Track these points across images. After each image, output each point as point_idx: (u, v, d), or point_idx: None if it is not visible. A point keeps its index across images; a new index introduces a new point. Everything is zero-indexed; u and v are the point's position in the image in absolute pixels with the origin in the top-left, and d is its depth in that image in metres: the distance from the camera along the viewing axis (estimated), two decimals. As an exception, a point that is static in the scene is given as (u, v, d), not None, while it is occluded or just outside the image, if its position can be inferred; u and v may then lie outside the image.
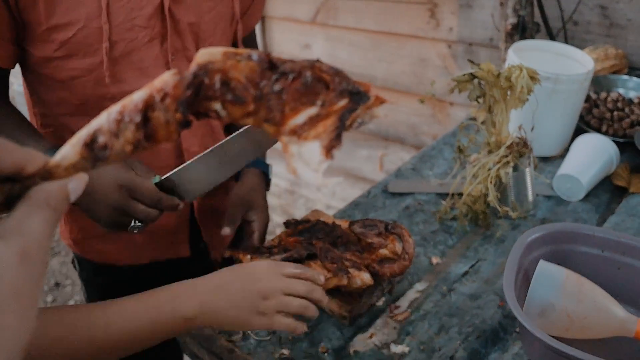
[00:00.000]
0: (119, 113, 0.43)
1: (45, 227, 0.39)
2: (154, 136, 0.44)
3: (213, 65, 0.44)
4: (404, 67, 2.20)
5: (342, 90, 0.48)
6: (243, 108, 0.46)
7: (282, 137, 0.48)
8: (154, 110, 0.43)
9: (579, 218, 1.18)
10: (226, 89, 0.45)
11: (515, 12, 1.71)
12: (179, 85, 0.43)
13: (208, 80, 0.44)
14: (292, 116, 0.47)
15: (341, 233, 1.01)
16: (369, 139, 2.48)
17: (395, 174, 1.35)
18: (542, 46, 1.44)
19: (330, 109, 0.47)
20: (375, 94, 0.49)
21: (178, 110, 0.43)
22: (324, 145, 0.46)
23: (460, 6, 1.96)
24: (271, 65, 0.46)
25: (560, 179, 1.24)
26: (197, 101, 0.44)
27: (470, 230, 1.16)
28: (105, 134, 0.42)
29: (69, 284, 2.89)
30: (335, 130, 0.46)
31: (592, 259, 0.91)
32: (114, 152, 0.43)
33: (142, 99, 0.43)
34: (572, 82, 1.29)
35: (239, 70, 0.45)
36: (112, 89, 0.99)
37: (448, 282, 1.04)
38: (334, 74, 0.48)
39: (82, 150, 0.42)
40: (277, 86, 0.46)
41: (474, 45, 1.99)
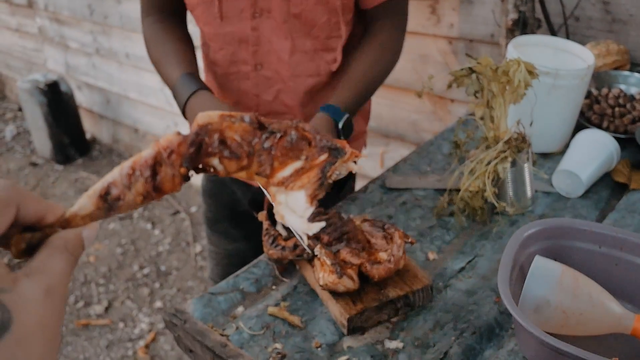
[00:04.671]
0: (130, 168, 0.48)
1: (65, 267, 0.43)
2: (161, 188, 0.49)
3: (212, 126, 0.51)
4: (405, 63, 2.18)
5: (322, 147, 0.54)
6: (238, 163, 0.52)
7: (271, 188, 0.54)
8: (161, 166, 0.49)
9: (578, 214, 1.17)
10: (223, 147, 0.51)
11: (516, 7, 1.70)
12: (183, 143, 0.49)
13: (208, 139, 0.50)
14: (280, 169, 0.53)
15: (350, 229, 1.01)
16: (370, 135, 2.47)
17: (393, 169, 1.34)
18: (543, 41, 1.43)
19: (313, 163, 0.53)
20: (350, 150, 0.55)
21: (182, 165, 0.49)
22: (308, 194, 0.52)
23: (461, 2, 1.94)
24: (260, 126, 0.53)
25: (559, 175, 1.23)
26: (198, 157, 0.50)
27: (468, 226, 1.15)
28: (118, 187, 0.48)
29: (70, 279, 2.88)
30: (318, 181, 0.52)
31: (589, 254, 0.90)
32: (126, 202, 0.48)
33: (151, 156, 0.49)
34: (572, 77, 1.27)
35: (233, 130, 0.51)
36: (222, 27, 1.22)
37: (444, 278, 1.03)
38: (315, 132, 0.55)
39: (97, 201, 0.47)
40: (267, 143, 0.52)
41: (475, 41, 1.98)
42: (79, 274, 2.91)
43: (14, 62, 4.54)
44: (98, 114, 4.02)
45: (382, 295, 0.94)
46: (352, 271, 0.93)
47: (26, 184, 3.76)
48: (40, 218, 0.45)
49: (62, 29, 3.77)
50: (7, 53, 4.56)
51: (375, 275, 0.93)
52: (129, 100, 3.62)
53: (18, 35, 4.27)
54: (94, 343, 2.52)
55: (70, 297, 2.77)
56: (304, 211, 0.52)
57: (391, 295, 0.94)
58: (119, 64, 3.50)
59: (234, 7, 1.18)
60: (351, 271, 0.93)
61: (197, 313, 1.00)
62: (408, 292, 0.94)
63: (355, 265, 0.94)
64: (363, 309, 0.92)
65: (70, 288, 2.83)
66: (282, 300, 1.01)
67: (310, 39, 1.23)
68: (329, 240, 0.98)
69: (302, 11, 1.17)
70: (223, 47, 1.27)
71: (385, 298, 0.94)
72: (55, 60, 4.04)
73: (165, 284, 2.83)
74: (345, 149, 0.55)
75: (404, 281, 0.96)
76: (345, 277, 0.91)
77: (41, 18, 3.89)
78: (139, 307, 2.69)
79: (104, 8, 3.31)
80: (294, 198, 0.53)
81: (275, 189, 0.54)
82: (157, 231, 3.22)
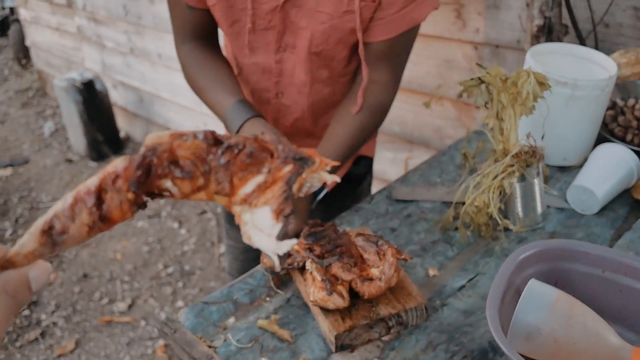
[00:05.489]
0: (73, 198, 0.45)
1: (1, 314, 0.40)
2: (108, 217, 0.46)
3: (161, 146, 0.47)
4: (430, 68, 2.14)
5: (286, 157, 0.50)
6: (192, 183, 0.48)
7: (235, 207, 0.50)
8: (106, 192, 0.46)
9: (591, 233, 1.11)
10: (174, 167, 0.47)
11: (541, 13, 1.64)
12: (129, 167, 0.46)
13: (157, 160, 0.47)
14: (241, 186, 0.49)
15: (344, 243, 0.98)
16: (394, 141, 2.43)
17: (402, 179, 1.30)
18: (563, 49, 1.37)
19: (276, 175, 0.49)
20: (320, 159, 0.51)
21: (130, 190, 0.46)
22: (273, 210, 0.48)
23: (487, 7, 1.89)
24: (216, 141, 0.49)
25: (574, 191, 1.18)
26: (148, 181, 0.47)
27: (473, 242, 1.11)
28: (61, 220, 0.45)
29: (96, 276, 2.93)
30: (283, 194, 0.48)
31: (592, 279, 0.85)
32: (71, 235, 0.45)
33: (94, 184, 0.46)
34: (591, 87, 1.21)
35: (185, 149, 0.48)
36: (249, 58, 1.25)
37: (442, 296, 0.99)
38: (276, 142, 0.51)
39: (40, 237, 0.44)
40: (223, 159, 0.49)
41: (501, 47, 1.92)
42: (105, 271, 2.96)
43: (55, 60, 4.65)
44: (132, 113, 4.08)
45: (373, 313, 0.91)
46: (342, 288, 0.90)
47: (61, 179, 3.84)
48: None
49: (99, 29, 3.83)
50: (48, 51, 4.68)
51: (366, 293, 0.90)
52: (161, 100, 3.66)
53: (58, 34, 4.37)
54: (115, 340, 2.55)
55: (95, 294, 2.81)
56: (271, 229, 0.47)
57: (382, 314, 0.91)
58: (151, 63, 3.54)
59: (260, 41, 1.20)
60: (341, 288, 0.90)
61: (188, 322, 0.99)
62: (400, 311, 0.91)
63: (346, 281, 0.91)
64: (352, 327, 0.89)
65: (96, 284, 2.88)
66: (273, 313, 0.99)
67: (329, 69, 1.25)
68: (321, 252, 0.96)
69: (323, 50, 1.19)
70: (247, 75, 1.30)
71: (376, 316, 0.91)
72: (92, 59, 4.12)
73: (188, 284, 2.84)
74: (314, 158, 0.51)
75: (397, 299, 0.93)
76: (335, 295, 0.89)
77: (80, 17, 3.97)
78: (161, 306, 2.71)
79: (138, 8, 3.35)
80: (259, 215, 0.48)
81: (239, 207, 0.49)
82: (184, 230, 3.24)
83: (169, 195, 0.49)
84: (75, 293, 2.84)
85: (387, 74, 1.22)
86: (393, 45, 1.18)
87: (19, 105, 5.00)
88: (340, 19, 1.13)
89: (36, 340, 2.56)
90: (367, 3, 1.11)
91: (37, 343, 2.55)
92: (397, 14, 1.13)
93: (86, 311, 2.72)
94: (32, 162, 4.09)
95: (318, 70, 1.24)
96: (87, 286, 2.88)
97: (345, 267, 0.92)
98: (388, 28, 1.15)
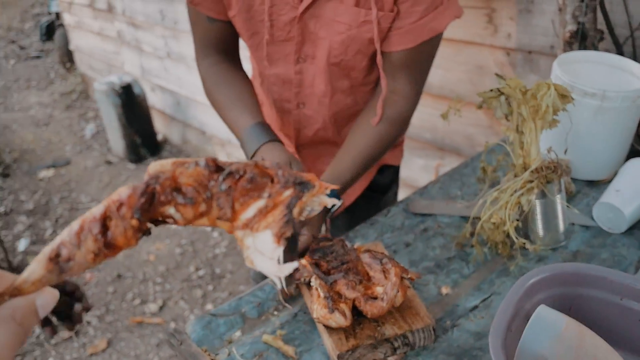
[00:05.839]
0: (79, 226, 0.46)
1: (9, 339, 0.40)
2: (113, 244, 0.46)
3: (163, 174, 0.49)
4: (461, 74, 2.09)
5: (286, 182, 0.51)
6: (195, 209, 0.49)
7: (237, 232, 0.50)
8: (111, 220, 0.46)
9: (617, 253, 1.06)
10: (177, 193, 0.49)
11: (574, 18, 1.57)
12: (133, 194, 0.47)
13: (160, 187, 0.48)
14: (242, 211, 0.50)
15: (351, 259, 0.96)
16: (425, 147, 2.38)
17: (421, 191, 1.27)
18: (595, 57, 1.31)
19: (277, 200, 0.50)
20: (319, 183, 0.52)
21: (134, 217, 0.47)
22: (274, 233, 0.49)
23: (520, 11, 1.83)
24: (218, 168, 0.51)
25: (600, 208, 1.12)
26: (152, 208, 0.48)
27: (491, 260, 1.07)
28: (67, 247, 0.45)
29: (130, 276, 2.97)
30: (283, 218, 0.49)
31: (609, 306, 0.80)
32: (77, 262, 0.45)
33: (99, 211, 0.46)
34: (622, 99, 1.16)
35: (187, 176, 0.49)
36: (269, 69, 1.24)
37: (454, 316, 0.96)
38: (276, 167, 0.52)
39: (47, 265, 0.45)
40: (225, 185, 0.50)
41: (534, 53, 1.86)
42: (138, 272, 3.00)
43: (96, 64, 4.76)
44: (169, 116, 4.13)
45: (378, 333, 0.89)
46: (345, 306, 0.88)
47: (100, 181, 3.92)
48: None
49: (137, 33, 3.90)
50: (90, 55, 4.79)
51: (368, 312, 0.87)
52: (197, 103, 3.70)
53: (100, 39, 4.47)
54: (145, 341, 2.58)
55: (128, 294, 2.86)
56: (273, 252, 0.49)
57: (388, 334, 0.88)
58: (187, 67, 3.58)
59: (280, 52, 1.19)
60: (344, 306, 0.88)
61: (195, 334, 0.98)
62: (407, 331, 0.88)
63: (350, 299, 0.89)
64: (356, 346, 0.87)
65: (130, 285, 2.92)
66: (280, 328, 0.97)
67: (349, 79, 1.23)
68: (327, 268, 0.94)
69: (342, 60, 1.17)
70: (269, 86, 1.29)
71: (381, 336, 0.88)
72: (131, 63, 4.20)
73: (218, 287, 2.86)
74: (313, 182, 0.52)
75: (404, 319, 0.90)
76: (337, 313, 0.86)
77: (119, 22, 4.05)
78: (191, 309, 2.73)
79: (174, 13, 3.39)
80: (261, 239, 0.49)
81: (241, 232, 0.50)
82: (216, 234, 3.26)
83: (173, 221, 0.50)
84: (110, 293, 2.89)
85: (407, 84, 1.18)
86: (413, 54, 1.15)
87: (63, 108, 5.14)
88: (358, 29, 1.11)
89: (70, 338, 2.61)
90: (385, 13, 1.08)
91: (71, 341, 2.60)
92: (416, 23, 1.10)
93: (119, 311, 2.76)
94: (73, 164, 4.19)
95: (338, 81, 1.22)
96: (120, 286, 2.92)
97: (350, 284, 0.89)
98: (407, 38, 1.12)
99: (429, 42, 1.14)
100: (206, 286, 2.87)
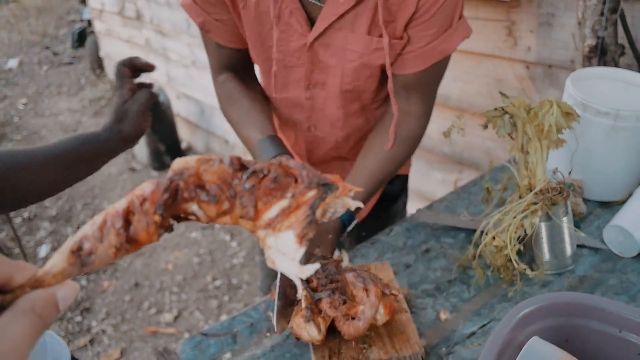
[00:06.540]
0: (102, 220, 0.46)
1: (28, 333, 0.40)
2: (135, 239, 0.46)
3: (188, 170, 0.48)
4: (480, 87, 2.04)
5: (310, 182, 0.50)
6: (218, 207, 0.48)
7: (259, 231, 0.50)
8: (134, 215, 0.46)
9: (625, 280, 1.01)
10: (200, 190, 0.48)
11: (594, 32, 1.52)
12: (156, 190, 0.47)
13: (183, 184, 0.47)
14: (265, 210, 0.49)
15: (341, 279, 0.93)
16: (444, 161, 2.34)
17: (426, 209, 1.23)
18: (611, 74, 1.26)
19: (300, 200, 0.50)
20: (343, 184, 0.51)
21: (156, 213, 0.46)
22: (297, 234, 0.48)
23: (540, 24, 1.78)
24: (242, 167, 0.50)
25: (611, 231, 1.07)
26: (175, 204, 0.47)
27: (493, 284, 1.03)
28: (90, 240, 0.45)
29: (147, 285, 2.99)
30: (306, 219, 0.48)
31: (607, 339, 0.76)
32: (99, 256, 0.45)
33: (122, 206, 0.46)
34: (636, 118, 1.11)
35: (211, 173, 0.48)
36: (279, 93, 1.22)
37: (449, 343, 0.92)
38: (301, 168, 0.51)
39: (69, 257, 0.45)
40: (248, 184, 0.49)
41: (554, 67, 1.80)
42: (156, 281, 3.01)
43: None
44: (194, 124, 4.16)
45: (362, 356, 0.86)
46: (322, 321, 0.85)
47: (123, 188, 3.96)
48: (8, 279, 0.42)
49: (164, 41, 3.94)
50: (118, 62, 4.86)
51: (345, 332, 0.84)
52: (220, 112, 3.71)
53: (128, 46, 4.53)
54: (159, 350, 2.58)
55: (145, 303, 2.87)
56: (295, 252, 0.48)
57: (372, 357, 0.85)
58: (211, 76, 3.60)
59: (289, 77, 1.18)
60: (321, 320, 0.85)
61: (185, 355, 0.97)
62: (393, 357, 0.85)
63: (329, 317, 0.86)
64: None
65: (146, 294, 2.93)
66: (270, 351, 0.95)
67: (360, 101, 1.22)
68: (317, 285, 0.91)
69: (354, 87, 1.17)
70: (280, 108, 1.29)
71: (365, 359, 0.85)
72: (158, 71, 4.24)
73: (234, 298, 2.85)
74: (337, 184, 0.51)
75: (392, 344, 0.87)
76: (312, 324, 0.84)
77: (147, 30, 4.10)
78: (206, 319, 2.72)
79: (199, 23, 3.41)
80: (283, 240, 0.48)
81: (264, 232, 0.50)
82: (235, 243, 3.26)
83: (195, 218, 0.49)
84: (126, 302, 2.90)
85: (418, 104, 1.17)
86: (424, 76, 1.13)
87: (92, 114, 5.22)
88: (370, 57, 1.10)
89: (85, 346, 2.63)
90: (396, 40, 1.06)
91: (86, 350, 2.61)
92: (427, 47, 1.08)
93: (134, 320, 2.77)
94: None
95: (350, 105, 1.21)
96: (137, 295, 2.94)
97: (334, 303, 0.87)
98: (419, 61, 1.10)
99: (440, 62, 1.12)
100: (222, 297, 2.87)
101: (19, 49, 7.66)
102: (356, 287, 0.89)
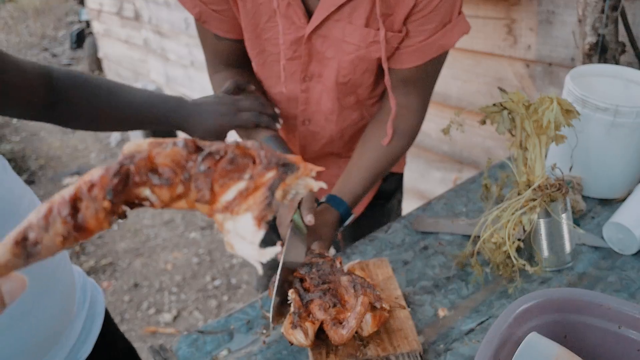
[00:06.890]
0: (47, 209, 0.44)
1: None
2: (84, 226, 0.44)
3: (139, 154, 0.46)
4: (479, 86, 2.04)
5: (269, 163, 0.48)
6: (171, 190, 0.47)
7: (217, 215, 0.48)
8: (82, 201, 0.44)
9: (625, 276, 1.00)
10: (152, 174, 0.46)
11: (594, 30, 1.51)
12: (105, 175, 0.45)
13: (134, 168, 0.46)
14: (222, 193, 0.47)
15: (334, 280, 0.92)
16: (444, 160, 2.33)
17: (424, 207, 1.23)
18: (611, 71, 1.25)
19: (258, 182, 0.48)
20: (304, 165, 0.49)
21: (106, 199, 0.44)
22: (255, 216, 0.46)
23: (540, 22, 1.77)
24: (197, 149, 0.48)
25: (610, 228, 1.07)
26: (126, 189, 0.46)
27: (492, 280, 1.02)
28: (35, 230, 0.43)
29: (146, 285, 2.98)
30: (265, 200, 0.47)
31: (606, 335, 0.75)
32: (45, 245, 0.43)
33: (69, 193, 0.44)
34: (636, 114, 1.10)
35: (164, 156, 0.47)
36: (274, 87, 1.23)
37: (447, 340, 0.91)
38: (258, 148, 0.49)
39: (13, 248, 0.43)
40: (204, 166, 0.47)
41: (554, 65, 1.80)
42: (155, 281, 3.00)
43: (124, 71, 4.82)
44: (193, 124, 4.15)
45: (360, 353, 0.85)
46: (310, 325, 0.84)
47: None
48: None
49: (163, 41, 3.93)
50: (118, 63, 4.85)
51: (332, 338, 0.83)
52: (219, 112, 3.71)
53: (127, 47, 4.52)
54: (158, 350, 2.57)
55: (144, 303, 2.86)
56: (253, 236, 0.45)
57: (370, 354, 0.84)
58: (210, 76, 3.60)
59: (287, 70, 1.17)
60: (309, 325, 0.84)
61: (181, 352, 0.96)
62: (391, 354, 0.84)
63: (318, 320, 0.85)
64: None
65: (146, 294, 2.92)
66: (267, 348, 0.94)
67: (355, 95, 1.21)
68: (309, 285, 0.90)
69: (350, 80, 1.16)
70: (274, 102, 1.28)
71: (363, 356, 0.84)
72: (157, 71, 4.23)
73: (234, 297, 2.84)
74: (298, 164, 0.49)
75: (390, 341, 0.86)
76: (299, 330, 0.83)
77: (146, 30, 4.09)
78: (205, 319, 2.71)
79: (198, 22, 3.41)
80: (241, 223, 0.46)
81: (221, 216, 0.47)
82: (234, 243, 3.25)
83: (149, 204, 0.47)
84: (125, 302, 2.89)
85: (415, 99, 1.16)
86: (421, 71, 1.12)
87: (91, 115, 5.21)
88: (367, 50, 1.09)
89: (83, 346, 2.62)
90: (394, 34, 1.06)
91: (84, 349, 2.60)
92: (425, 41, 1.07)
93: (133, 320, 2.76)
94: (97, 170, 4.24)
95: (345, 98, 1.20)
96: (136, 295, 2.93)
97: (324, 305, 0.86)
98: (416, 55, 1.09)
99: (438, 57, 1.11)
100: (221, 296, 2.86)
101: (18, 51, 7.65)
102: (348, 292, 0.88)
